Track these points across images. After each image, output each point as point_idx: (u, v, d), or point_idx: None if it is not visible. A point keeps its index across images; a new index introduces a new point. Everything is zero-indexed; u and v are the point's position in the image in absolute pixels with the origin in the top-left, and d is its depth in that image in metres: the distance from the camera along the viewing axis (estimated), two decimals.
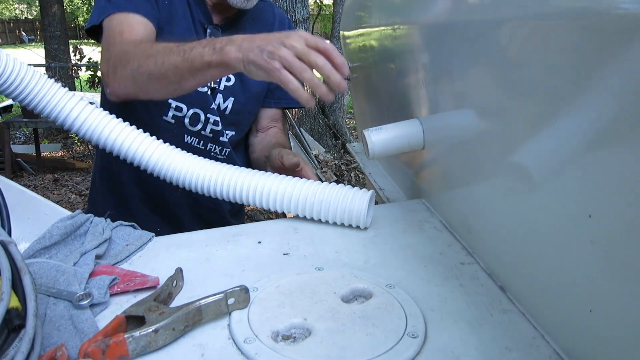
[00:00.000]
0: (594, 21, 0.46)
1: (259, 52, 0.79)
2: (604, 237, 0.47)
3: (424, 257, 0.78)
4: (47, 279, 0.67)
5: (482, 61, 0.71)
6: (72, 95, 0.91)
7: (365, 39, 1.36)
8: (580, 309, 0.51)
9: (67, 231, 0.78)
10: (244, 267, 0.75)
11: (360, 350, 0.55)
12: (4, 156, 4.31)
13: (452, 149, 0.86)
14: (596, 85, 0.47)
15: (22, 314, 0.49)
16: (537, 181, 0.59)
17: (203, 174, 0.90)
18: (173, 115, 1.13)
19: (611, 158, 0.45)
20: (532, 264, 0.61)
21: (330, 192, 0.87)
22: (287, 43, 0.78)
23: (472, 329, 0.60)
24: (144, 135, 0.91)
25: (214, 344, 0.58)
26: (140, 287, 0.68)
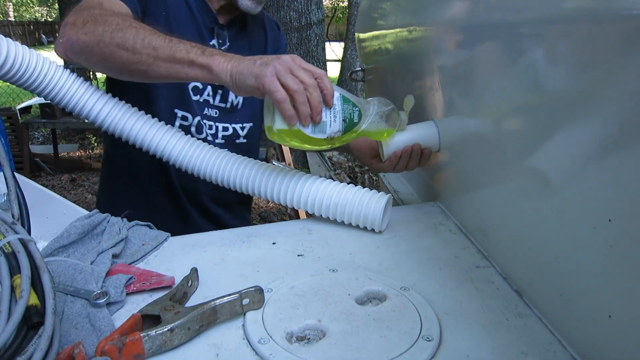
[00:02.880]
0: (613, 23, 0.46)
1: (251, 63, 0.79)
2: (624, 242, 0.46)
3: (439, 260, 0.77)
4: (65, 277, 0.68)
5: (500, 63, 0.70)
6: (102, 94, 0.94)
7: (381, 41, 1.36)
8: (599, 314, 0.51)
9: (84, 230, 0.79)
10: (259, 268, 0.75)
11: (375, 353, 0.55)
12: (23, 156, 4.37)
13: (468, 151, 0.85)
14: (615, 86, 0.46)
15: (41, 312, 0.50)
16: (555, 184, 0.58)
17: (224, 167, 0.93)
18: (180, 124, 1.13)
19: (632, 161, 0.45)
20: (549, 268, 0.61)
21: (347, 194, 0.87)
22: (282, 59, 0.78)
23: (488, 333, 0.59)
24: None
25: (229, 344, 0.58)
26: (156, 286, 0.69)
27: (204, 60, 0.82)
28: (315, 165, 4.14)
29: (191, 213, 1.20)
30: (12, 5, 19.38)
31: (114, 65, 0.88)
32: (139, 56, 0.84)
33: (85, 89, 0.91)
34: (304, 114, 0.78)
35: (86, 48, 0.87)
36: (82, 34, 0.87)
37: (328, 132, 0.82)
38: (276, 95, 0.76)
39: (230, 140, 1.20)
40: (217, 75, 0.81)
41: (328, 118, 0.81)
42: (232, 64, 0.80)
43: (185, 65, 0.83)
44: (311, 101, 0.78)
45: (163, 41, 0.84)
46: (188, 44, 0.84)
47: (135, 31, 0.85)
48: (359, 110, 0.85)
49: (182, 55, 0.83)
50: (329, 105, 0.81)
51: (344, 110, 0.83)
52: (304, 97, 0.77)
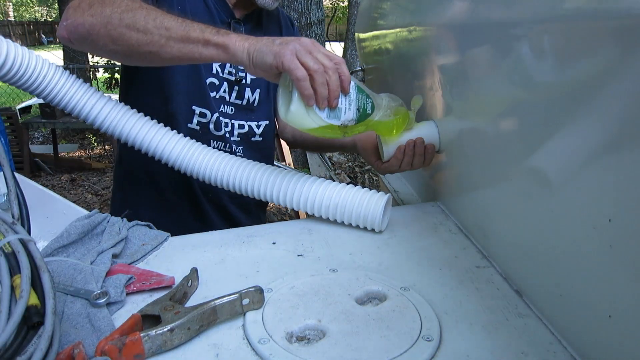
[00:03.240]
0: (613, 22, 0.46)
1: (270, 41, 0.78)
2: (624, 242, 0.46)
3: (439, 260, 0.77)
4: (65, 277, 0.68)
5: (500, 63, 0.70)
6: (108, 99, 0.93)
7: (381, 41, 1.36)
8: (599, 314, 0.51)
9: (84, 230, 0.79)
10: (259, 268, 0.75)
11: (375, 353, 0.55)
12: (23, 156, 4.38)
13: (469, 151, 0.85)
14: (615, 87, 0.46)
15: (41, 312, 0.50)
16: (555, 184, 0.58)
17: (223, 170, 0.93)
18: (198, 121, 1.13)
19: (631, 161, 0.45)
20: (549, 268, 0.61)
21: (347, 194, 0.87)
22: (302, 41, 0.78)
23: (488, 333, 0.59)
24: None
25: (229, 344, 0.58)
26: (156, 286, 0.69)
27: (220, 39, 0.80)
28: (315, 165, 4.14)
29: (210, 213, 1.19)
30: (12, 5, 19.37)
31: (123, 48, 0.85)
32: (150, 37, 0.82)
33: (85, 91, 0.90)
34: (322, 96, 0.78)
35: (92, 30, 0.84)
36: (88, 15, 0.84)
37: (342, 119, 0.82)
38: (296, 73, 0.75)
39: (245, 137, 1.19)
40: (234, 54, 0.80)
41: (343, 105, 0.81)
42: (249, 43, 0.79)
43: (200, 45, 0.81)
44: (330, 84, 0.77)
45: (176, 21, 0.82)
46: (202, 25, 0.82)
47: (146, 12, 0.83)
48: (372, 102, 0.85)
49: (197, 35, 0.81)
50: (346, 91, 0.80)
51: (358, 99, 0.83)
52: (323, 78, 0.77)
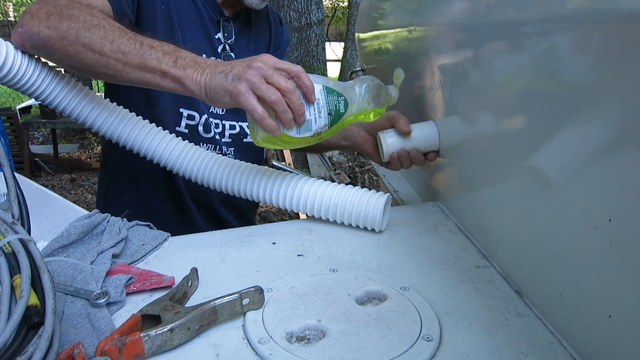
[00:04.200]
0: (614, 23, 0.46)
1: (223, 77, 0.75)
2: (624, 241, 0.46)
3: (439, 260, 0.77)
4: (65, 277, 0.68)
5: (500, 63, 0.70)
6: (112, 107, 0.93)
7: (381, 41, 1.36)
8: (599, 314, 0.51)
9: (84, 230, 0.79)
10: (259, 268, 0.75)
11: (375, 353, 0.55)
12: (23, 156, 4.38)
13: (468, 151, 0.85)
14: (615, 86, 0.46)
15: (41, 312, 0.50)
16: (555, 184, 0.58)
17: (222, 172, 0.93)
18: (186, 124, 1.11)
19: (632, 161, 0.45)
20: (549, 268, 0.61)
21: (346, 194, 0.87)
22: (254, 65, 0.74)
23: (488, 333, 0.59)
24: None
25: (229, 344, 0.58)
26: (156, 286, 0.69)
27: (177, 73, 0.77)
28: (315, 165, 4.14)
29: (196, 217, 1.18)
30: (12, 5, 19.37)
31: (78, 65, 0.83)
32: (106, 60, 0.79)
33: (84, 94, 0.90)
34: (287, 121, 0.77)
35: (47, 43, 0.81)
36: (44, 27, 0.81)
37: (314, 128, 0.81)
38: (254, 115, 0.74)
39: (237, 139, 1.18)
40: (191, 91, 0.78)
41: (312, 115, 0.80)
42: (204, 78, 0.76)
43: (157, 76, 0.79)
44: (292, 106, 0.76)
45: (133, 45, 0.79)
46: (160, 50, 0.79)
47: (104, 32, 0.80)
48: (345, 99, 0.83)
49: (154, 65, 0.78)
50: (310, 102, 0.79)
51: (328, 103, 0.81)
52: (284, 105, 0.75)
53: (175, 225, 0.88)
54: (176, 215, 1.16)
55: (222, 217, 1.22)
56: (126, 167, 1.17)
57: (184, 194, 1.16)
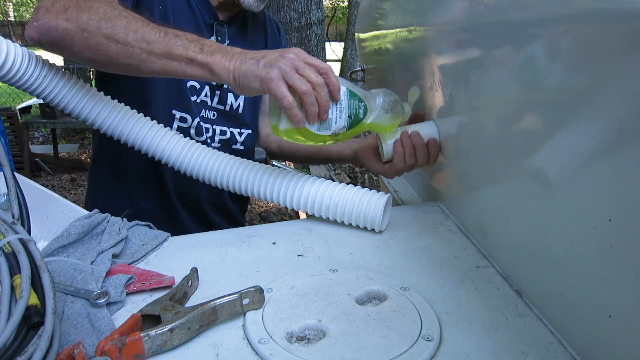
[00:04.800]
0: (613, 22, 0.46)
1: (254, 63, 0.75)
2: (624, 241, 0.46)
3: (439, 260, 0.77)
4: (65, 277, 0.68)
5: (499, 63, 0.70)
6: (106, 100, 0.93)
7: (381, 41, 1.36)
8: (599, 314, 0.51)
9: (84, 230, 0.79)
10: (259, 268, 0.75)
11: (375, 353, 0.55)
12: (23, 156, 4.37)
13: (469, 151, 0.85)
14: (616, 86, 0.46)
15: (41, 312, 0.50)
16: (555, 184, 0.58)
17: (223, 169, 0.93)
18: (178, 126, 1.10)
19: (632, 161, 0.45)
20: (549, 268, 0.61)
21: (347, 194, 0.87)
22: (287, 56, 0.75)
23: (488, 333, 0.59)
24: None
25: (229, 344, 0.58)
26: (156, 286, 0.69)
27: (204, 59, 0.77)
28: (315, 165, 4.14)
29: (185, 220, 1.18)
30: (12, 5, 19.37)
31: (99, 57, 0.81)
32: (130, 49, 0.78)
33: (84, 92, 0.90)
34: (312, 114, 0.77)
35: (66, 35, 0.79)
36: (62, 19, 0.79)
37: (333, 128, 0.82)
38: (283, 102, 0.74)
39: (227, 144, 1.18)
40: (219, 76, 0.77)
41: (334, 115, 0.81)
42: (234, 64, 0.76)
43: (183, 63, 0.78)
44: (319, 100, 0.76)
45: (158, 34, 0.78)
46: (185, 38, 0.79)
47: (126, 22, 0.79)
48: (365, 105, 0.85)
49: (180, 52, 0.77)
50: (335, 100, 0.80)
51: (350, 106, 0.82)
52: (312, 98, 0.75)
53: (163, 227, 0.88)
54: (164, 217, 1.15)
55: (211, 219, 1.22)
56: (116, 168, 1.16)
57: (172, 197, 1.16)
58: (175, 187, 1.15)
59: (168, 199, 1.16)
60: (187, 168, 0.95)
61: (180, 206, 1.17)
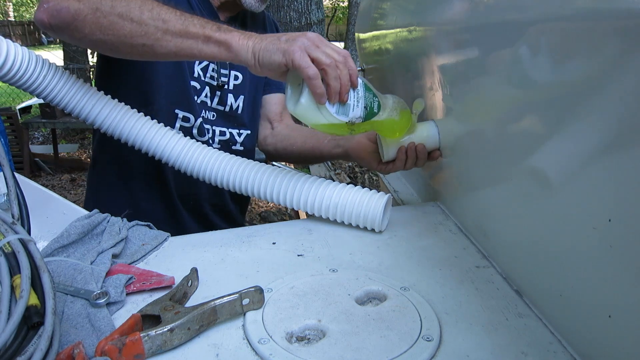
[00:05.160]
0: (613, 22, 0.46)
1: (275, 39, 0.75)
2: (624, 242, 0.46)
3: (439, 260, 0.77)
4: (65, 277, 0.68)
5: (499, 63, 0.70)
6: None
7: (381, 41, 1.36)
8: (599, 314, 0.51)
9: (84, 230, 0.79)
10: (259, 268, 0.75)
11: (375, 353, 0.55)
12: (23, 156, 4.37)
13: (468, 151, 0.85)
14: (615, 86, 0.46)
15: (41, 312, 0.50)
16: (554, 184, 0.58)
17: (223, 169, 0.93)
18: (180, 126, 1.10)
19: (632, 161, 0.45)
20: (549, 268, 0.61)
21: (347, 194, 0.87)
22: (308, 36, 0.75)
23: (488, 333, 0.59)
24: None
25: (229, 344, 0.58)
26: (156, 286, 0.69)
27: (222, 36, 0.76)
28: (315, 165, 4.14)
29: (186, 221, 1.18)
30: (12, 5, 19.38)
31: (112, 39, 0.79)
32: (145, 28, 0.77)
33: (85, 91, 0.90)
34: (335, 90, 0.75)
35: (79, 16, 0.78)
36: (74, 0, 0.78)
37: (350, 115, 0.80)
38: (307, 71, 0.73)
39: (226, 145, 1.18)
40: (237, 53, 0.76)
41: (352, 101, 0.80)
42: (253, 41, 0.76)
43: (200, 41, 0.77)
44: (341, 78, 0.75)
45: (174, 14, 0.78)
46: (202, 19, 0.78)
47: (141, 1, 0.78)
48: (379, 101, 0.85)
49: (197, 30, 0.77)
50: (355, 85, 0.79)
51: (365, 97, 0.82)
52: (335, 72, 0.74)
53: (164, 227, 0.88)
54: (166, 218, 1.15)
55: (212, 220, 1.22)
56: (117, 168, 1.15)
57: (174, 197, 1.15)
58: (177, 187, 1.14)
59: (170, 199, 1.16)
60: (187, 167, 0.95)
61: (182, 207, 1.17)
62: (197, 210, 1.19)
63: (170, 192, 1.15)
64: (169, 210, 1.16)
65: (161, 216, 1.15)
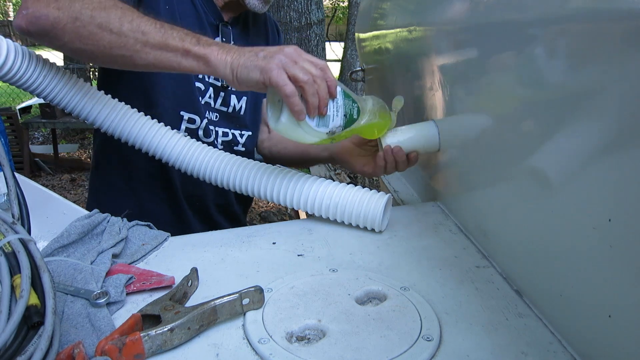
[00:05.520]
0: (613, 22, 0.46)
1: (253, 55, 0.75)
2: (624, 241, 0.46)
3: (439, 260, 0.77)
4: (65, 277, 0.68)
5: (499, 63, 0.70)
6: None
7: (381, 41, 1.36)
8: (599, 314, 0.51)
9: (84, 230, 0.79)
10: (259, 268, 0.75)
11: (375, 353, 0.55)
12: (23, 156, 4.38)
13: (469, 151, 0.85)
14: (616, 86, 0.46)
15: (41, 312, 0.50)
16: (554, 184, 0.58)
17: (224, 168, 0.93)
18: (186, 127, 1.10)
19: (632, 161, 0.45)
20: (549, 268, 0.61)
21: (347, 194, 0.87)
22: (285, 51, 0.75)
23: (488, 333, 0.59)
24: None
25: (229, 344, 0.58)
26: (156, 286, 0.69)
27: (201, 51, 0.76)
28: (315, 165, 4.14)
29: (192, 221, 1.18)
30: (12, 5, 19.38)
31: (91, 48, 0.78)
32: (125, 40, 0.76)
33: (85, 91, 0.90)
34: (314, 106, 0.76)
35: (57, 25, 0.76)
36: (53, 8, 0.76)
37: (330, 126, 0.82)
38: (285, 90, 0.73)
39: (228, 146, 1.18)
40: (215, 68, 0.76)
41: (332, 112, 0.81)
42: (231, 56, 0.76)
43: (179, 55, 0.77)
44: (319, 92, 0.76)
45: (154, 26, 0.77)
46: (181, 31, 0.78)
47: (121, 12, 0.77)
48: (358, 107, 0.85)
49: (176, 43, 0.76)
50: (333, 96, 0.80)
51: (345, 105, 0.82)
52: (313, 88, 0.75)
53: (169, 228, 0.87)
54: (171, 219, 1.15)
55: (216, 221, 1.22)
56: (121, 169, 1.15)
57: (180, 198, 1.15)
58: (183, 189, 1.14)
59: (176, 200, 1.15)
60: (187, 167, 0.95)
61: (187, 208, 1.17)
62: (203, 211, 1.19)
63: (175, 193, 1.14)
64: (174, 212, 1.16)
65: (166, 218, 1.15)
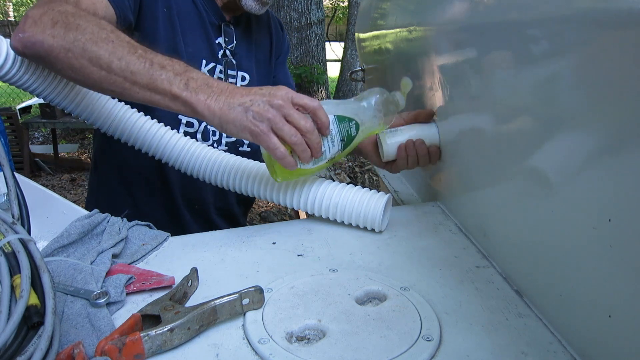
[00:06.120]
0: (614, 22, 0.46)
1: (242, 112, 0.73)
2: (624, 241, 0.46)
3: (439, 260, 0.77)
4: (65, 277, 0.68)
5: (500, 63, 0.70)
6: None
7: (381, 41, 1.36)
8: (599, 314, 0.51)
9: (84, 230, 0.79)
10: (259, 268, 0.75)
11: (375, 353, 0.55)
12: (23, 156, 4.38)
13: (468, 151, 0.85)
14: (616, 86, 0.46)
15: (41, 312, 0.50)
16: (554, 184, 0.58)
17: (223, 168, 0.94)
18: (184, 132, 1.09)
19: (632, 161, 0.45)
20: (549, 268, 0.61)
21: (347, 194, 0.87)
22: (274, 103, 0.73)
23: (488, 333, 0.59)
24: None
25: (229, 344, 0.58)
26: (156, 286, 0.69)
27: (188, 97, 0.74)
28: None
29: (190, 224, 1.17)
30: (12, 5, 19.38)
31: (83, 80, 0.79)
32: (114, 77, 0.76)
33: (85, 90, 0.90)
34: (306, 158, 0.77)
35: (51, 53, 0.77)
36: (49, 35, 0.77)
37: (329, 156, 0.83)
38: (277, 153, 0.74)
39: (233, 147, 1.18)
40: (202, 116, 0.75)
41: (326, 146, 0.81)
42: (220, 107, 0.73)
43: (167, 98, 0.76)
44: (311, 145, 0.76)
45: (143, 64, 0.76)
46: (171, 70, 0.76)
47: (112, 47, 0.76)
48: (356, 123, 0.84)
49: (164, 87, 0.75)
50: (326, 135, 0.80)
51: (340, 131, 0.82)
52: (303, 145, 0.75)
53: (166, 231, 0.87)
54: (169, 222, 1.15)
55: (216, 224, 1.21)
56: (119, 172, 1.15)
57: (178, 202, 1.15)
58: (181, 192, 1.14)
59: (173, 203, 1.15)
60: (187, 166, 0.95)
61: (186, 211, 1.17)
62: (202, 214, 1.19)
63: (173, 196, 1.14)
64: (172, 215, 1.16)
65: (164, 220, 1.14)
